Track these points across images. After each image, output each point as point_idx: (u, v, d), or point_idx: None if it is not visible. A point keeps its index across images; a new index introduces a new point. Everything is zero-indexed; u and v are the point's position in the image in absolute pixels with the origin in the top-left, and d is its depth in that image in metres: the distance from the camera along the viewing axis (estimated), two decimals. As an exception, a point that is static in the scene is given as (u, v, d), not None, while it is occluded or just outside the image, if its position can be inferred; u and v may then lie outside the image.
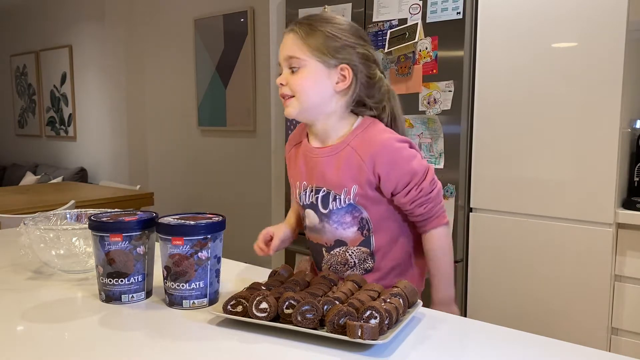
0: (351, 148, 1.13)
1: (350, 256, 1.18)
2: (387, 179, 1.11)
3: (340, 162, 1.14)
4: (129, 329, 0.92)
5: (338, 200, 1.14)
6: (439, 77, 2.01)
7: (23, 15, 5.80)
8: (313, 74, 1.11)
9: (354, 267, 1.19)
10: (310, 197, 1.18)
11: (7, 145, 6.35)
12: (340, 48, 1.11)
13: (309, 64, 1.11)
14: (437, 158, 2.03)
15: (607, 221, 1.73)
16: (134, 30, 4.46)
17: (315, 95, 1.12)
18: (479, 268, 2.00)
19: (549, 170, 1.83)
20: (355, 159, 1.12)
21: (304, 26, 1.12)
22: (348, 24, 1.15)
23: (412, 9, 2.06)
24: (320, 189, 1.17)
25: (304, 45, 1.11)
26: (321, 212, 1.17)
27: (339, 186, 1.14)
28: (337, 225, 1.16)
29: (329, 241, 1.19)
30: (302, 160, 1.21)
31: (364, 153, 1.12)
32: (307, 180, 1.19)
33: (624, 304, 1.75)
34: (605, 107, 1.71)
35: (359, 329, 0.80)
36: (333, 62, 1.11)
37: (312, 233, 1.22)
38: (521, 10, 1.85)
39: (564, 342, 0.87)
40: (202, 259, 1.00)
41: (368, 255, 1.18)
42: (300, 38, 1.12)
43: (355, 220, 1.15)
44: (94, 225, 1.03)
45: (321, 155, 1.17)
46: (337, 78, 1.12)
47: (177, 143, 4.18)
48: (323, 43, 1.11)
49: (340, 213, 1.15)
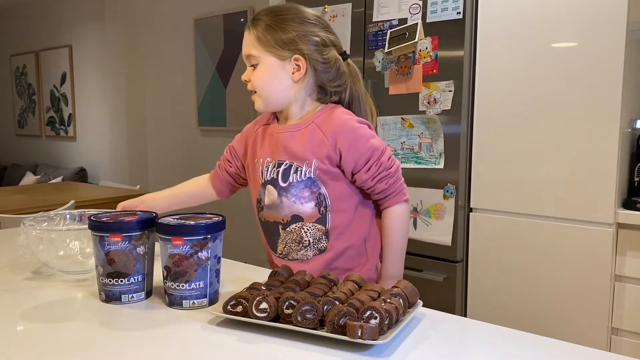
0: (315, 125, 1.18)
1: (305, 233, 1.19)
2: (348, 155, 1.16)
3: (304, 137, 1.18)
4: (129, 329, 0.92)
5: (299, 173, 1.17)
6: (439, 77, 2.01)
7: (23, 15, 5.80)
8: (268, 69, 1.17)
9: (308, 247, 1.20)
10: (272, 172, 1.21)
11: (7, 145, 6.35)
12: (290, 40, 1.16)
13: (263, 59, 1.17)
14: (437, 158, 2.03)
15: (607, 221, 1.73)
16: (134, 30, 4.46)
17: (273, 89, 1.18)
18: (479, 268, 2.00)
19: (549, 170, 1.83)
20: (318, 135, 1.17)
21: (256, 23, 1.18)
22: (295, 12, 1.19)
23: (412, 8, 2.06)
24: (282, 162, 1.19)
25: (257, 43, 1.17)
26: (281, 186, 1.19)
27: (301, 159, 1.17)
28: (295, 199, 1.18)
29: (286, 217, 1.20)
30: (268, 139, 1.25)
31: (326, 130, 1.16)
32: (270, 156, 1.22)
33: (624, 304, 1.75)
34: (605, 107, 1.71)
35: (359, 329, 0.80)
36: (285, 55, 1.16)
37: (269, 211, 1.22)
38: (521, 10, 1.85)
39: (564, 342, 0.87)
40: (202, 259, 1.00)
41: (323, 234, 1.19)
42: (253, 36, 1.18)
43: (314, 195, 1.17)
44: (94, 225, 1.03)
45: (286, 130, 1.21)
46: (292, 69, 1.17)
47: (177, 143, 4.18)
48: (273, 38, 1.16)
49: (300, 187, 1.17)
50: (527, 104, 1.86)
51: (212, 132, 3.91)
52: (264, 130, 1.27)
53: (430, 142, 2.04)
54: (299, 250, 1.20)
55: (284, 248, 1.22)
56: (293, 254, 1.21)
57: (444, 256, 2.05)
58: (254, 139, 1.28)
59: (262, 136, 1.27)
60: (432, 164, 2.03)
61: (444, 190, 2.02)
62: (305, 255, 1.20)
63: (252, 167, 1.28)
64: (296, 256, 1.21)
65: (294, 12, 1.18)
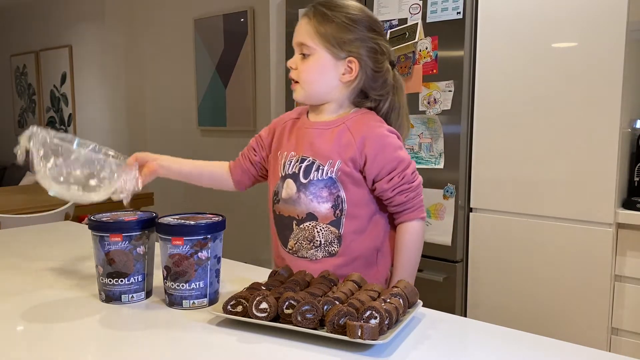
0: (346, 126, 1.16)
1: (318, 233, 1.17)
2: (374, 162, 1.14)
3: (333, 136, 1.16)
4: (129, 329, 0.92)
5: (320, 171, 1.16)
6: (439, 77, 2.01)
7: (23, 15, 5.80)
8: (321, 64, 1.14)
9: (319, 248, 1.18)
10: (294, 166, 1.19)
11: (7, 145, 6.33)
12: (351, 41, 1.13)
13: (318, 53, 1.14)
14: (437, 158, 2.03)
15: (607, 221, 1.73)
16: (134, 30, 4.46)
17: (319, 85, 1.16)
18: (479, 268, 2.00)
19: (549, 170, 1.83)
20: (346, 136, 1.15)
21: (318, 13, 1.14)
22: (363, 14, 1.16)
23: (412, 8, 2.06)
24: (305, 158, 1.18)
25: (315, 34, 1.13)
26: (301, 181, 1.17)
27: (324, 157, 1.16)
28: (313, 197, 1.16)
29: (302, 213, 1.18)
30: (295, 133, 1.23)
31: (356, 133, 1.15)
32: (295, 150, 1.21)
33: (624, 304, 1.75)
34: (605, 107, 1.71)
35: (359, 329, 0.80)
36: (341, 55, 1.14)
37: (286, 205, 1.20)
38: (521, 10, 1.85)
39: (564, 342, 0.87)
40: (202, 259, 1.00)
41: (335, 238, 1.17)
42: (312, 25, 1.14)
43: (332, 197, 1.16)
44: (93, 225, 1.03)
45: (315, 127, 1.19)
46: (343, 69, 1.15)
47: (177, 143, 4.18)
48: (334, 34, 1.13)
49: (319, 185, 1.16)
50: (527, 104, 1.86)
51: (212, 132, 3.91)
52: (292, 123, 1.25)
53: (430, 142, 2.04)
54: (310, 249, 1.18)
55: (295, 244, 1.20)
56: (303, 251, 1.19)
57: (443, 256, 2.05)
58: (281, 131, 1.26)
59: (290, 129, 1.25)
60: (432, 164, 2.04)
61: (443, 190, 2.02)
62: (314, 255, 1.18)
63: (274, 159, 1.25)
64: (306, 254, 1.19)
65: (362, 14, 1.15)
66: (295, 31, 1.18)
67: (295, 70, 1.17)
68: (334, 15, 1.13)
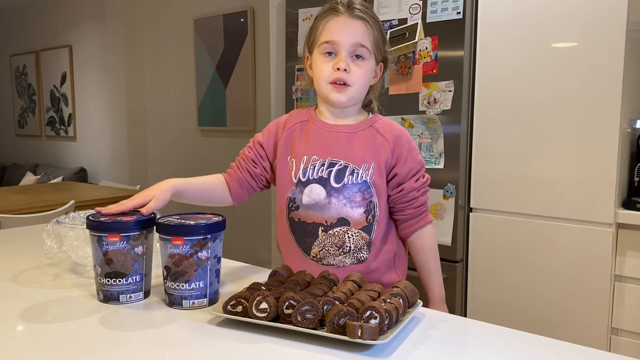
0: (374, 129, 1.18)
1: (349, 239, 1.14)
2: (404, 163, 1.16)
3: (363, 139, 1.17)
4: (128, 329, 0.92)
5: (355, 175, 1.15)
6: (439, 77, 2.01)
7: (23, 15, 5.80)
8: (370, 69, 1.17)
9: (348, 254, 1.15)
10: (320, 171, 1.15)
11: (7, 145, 6.35)
12: (385, 46, 1.18)
13: (370, 58, 1.16)
14: (437, 158, 2.03)
15: (607, 221, 1.73)
16: (134, 30, 4.46)
17: (364, 89, 1.19)
18: (479, 268, 2.00)
19: (549, 170, 1.83)
20: (378, 138, 1.17)
21: (370, 18, 1.15)
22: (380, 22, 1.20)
23: (412, 8, 2.06)
24: (336, 162, 1.15)
25: (370, 38, 1.15)
26: (332, 186, 1.14)
27: (360, 160, 1.15)
28: (347, 201, 1.14)
29: (331, 219, 1.14)
30: (314, 135, 1.19)
31: (387, 134, 1.17)
32: (318, 154, 1.16)
33: (624, 304, 1.75)
34: (605, 107, 1.71)
35: (359, 329, 0.80)
36: (379, 60, 1.18)
37: (311, 211, 1.15)
38: (521, 10, 1.85)
39: (564, 342, 0.86)
40: (202, 259, 1.00)
41: (365, 244, 1.15)
42: (369, 30, 1.14)
43: (365, 202, 1.14)
44: (92, 225, 1.03)
45: (342, 130, 1.19)
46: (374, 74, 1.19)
47: (177, 143, 4.18)
48: (379, 40, 1.16)
49: (353, 189, 1.14)
50: (527, 104, 1.86)
51: (212, 132, 3.91)
52: (302, 126, 1.21)
53: (430, 142, 2.04)
54: (338, 255, 1.15)
55: (320, 251, 1.16)
56: (329, 258, 1.16)
57: (444, 256, 2.03)
58: (289, 135, 1.21)
59: (302, 133, 1.21)
60: (432, 164, 2.03)
61: (444, 190, 2.02)
62: (342, 262, 1.15)
63: (282, 165, 1.20)
64: (332, 261, 1.15)
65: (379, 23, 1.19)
66: (343, 31, 1.13)
67: (349, 73, 1.13)
68: (377, 22, 1.17)
